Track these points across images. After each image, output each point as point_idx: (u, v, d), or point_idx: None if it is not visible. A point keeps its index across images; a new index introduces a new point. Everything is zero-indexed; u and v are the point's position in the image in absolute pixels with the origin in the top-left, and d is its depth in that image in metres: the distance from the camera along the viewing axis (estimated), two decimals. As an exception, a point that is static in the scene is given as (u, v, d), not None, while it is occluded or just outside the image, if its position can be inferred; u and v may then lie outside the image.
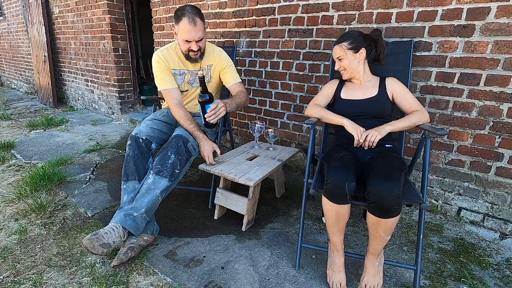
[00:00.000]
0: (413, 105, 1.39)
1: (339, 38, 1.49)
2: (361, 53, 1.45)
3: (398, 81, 1.46)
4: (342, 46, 1.46)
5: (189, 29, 1.52)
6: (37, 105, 4.82)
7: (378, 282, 1.22)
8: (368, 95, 1.45)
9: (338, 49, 1.48)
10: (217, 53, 1.77)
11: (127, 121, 3.85)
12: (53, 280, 1.27)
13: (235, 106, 1.65)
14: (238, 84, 1.80)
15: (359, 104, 1.44)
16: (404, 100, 1.42)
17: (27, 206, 1.77)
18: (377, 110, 1.41)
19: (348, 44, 1.45)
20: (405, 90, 1.43)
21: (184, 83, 1.77)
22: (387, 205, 1.06)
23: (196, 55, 1.64)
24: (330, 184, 1.14)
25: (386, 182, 1.06)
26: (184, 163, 1.51)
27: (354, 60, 1.46)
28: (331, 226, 1.23)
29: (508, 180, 1.58)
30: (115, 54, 3.67)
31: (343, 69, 1.49)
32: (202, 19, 1.57)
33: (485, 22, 1.49)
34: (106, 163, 2.52)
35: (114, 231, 1.30)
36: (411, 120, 1.33)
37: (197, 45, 1.59)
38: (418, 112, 1.36)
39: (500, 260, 1.46)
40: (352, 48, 1.45)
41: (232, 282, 1.28)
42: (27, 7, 4.65)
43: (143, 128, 1.63)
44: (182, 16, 1.52)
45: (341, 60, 1.47)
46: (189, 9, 1.53)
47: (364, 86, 1.48)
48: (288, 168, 2.47)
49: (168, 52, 1.71)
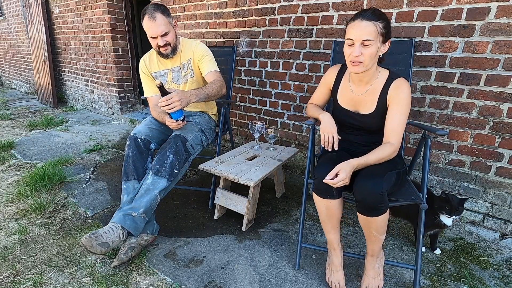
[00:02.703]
0: (392, 133, 1.16)
1: (368, 13, 1.06)
2: (386, 45, 1.13)
3: (403, 94, 1.15)
4: (377, 25, 1.06)
5: (150, 25, 1.55)
6: (37, 105, 4.82)
7: (378, 284, 1.22)
8: (364, 109, 1.25)
9: (370, 28, 1.05)
10: (194, 46, 1.75)
11: (127, 121, 3.85)
12: (53, 280, 1.27)
13: (205, 96, 1.52)
14: (213, 72, 1.70)
15: (353, 117, 1.28)
16: (389, 122, 1.17)
17: (27, 206, 1.77)
18: (374, 128, 1.26)
19: (383, 26, 1.07)
20: (398, 111, 1.15)
21: (168, 82, 1.79)
22: (371, 203, 1.06)
23: (167, 50, 1.64)
24: (317, 179, 1.15)
25: (369, 180, 1.06)
26: (183, 163, 1.51)
27: (378, 53, 1.12)
28: (324, 222, 1.24)
29: (508, 180, 1.58)
30: (115, 54, 3.67)
31: (361, 60, 1.10)
32: (165, 14, 1.57)
33: (485, 22, 1.49)
34: (106, 163, 2.52)
35: (113, 231, 1.30)
36: (378, 156, 1.12)
37: (163, 39, 1.59)
38: (388, 146, 1.14)
39: (500, 260, 1.46)
40: (384, 34, 1.08)
41: (232, 282, 1.28)
42: (27, 7, 4.65)
43: (142, 128, 1.64)
44: (144, 15, 1.56)
45: (367, 46, 1.07)
46: (149, 7, 1.56)
47: (362, 92, 1.24)
48: (288, 168, 2.46)
49: (149, 56, 1.78)
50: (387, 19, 1.10)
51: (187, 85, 1.79)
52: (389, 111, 1.18)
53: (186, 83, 1.79)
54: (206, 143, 1.73)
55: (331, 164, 1.15)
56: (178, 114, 1.48)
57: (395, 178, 1.13)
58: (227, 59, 2.16)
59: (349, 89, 1.29)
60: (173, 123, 1.52)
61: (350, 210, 1.86)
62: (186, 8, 2.84)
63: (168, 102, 1.35)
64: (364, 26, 1.06)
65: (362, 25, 1.06)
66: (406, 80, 1.20)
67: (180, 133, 1.57)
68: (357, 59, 1.10)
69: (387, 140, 1.17)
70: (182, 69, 1.76)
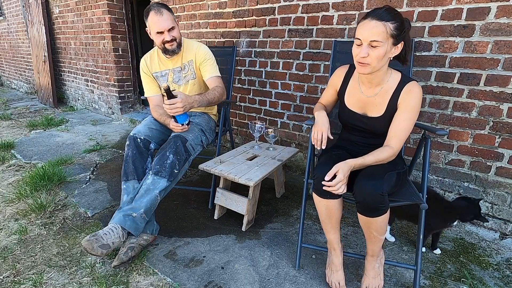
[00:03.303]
0: (394, 137, 1.14)
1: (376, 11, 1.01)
2: (398, 48, 1.07)
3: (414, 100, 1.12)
4: (387, 26, 1.00)
5: (157, 19, 1.56)
6: (37, 105, 4.82)
7: (378, 284, 1.22)
8: (373, 112, 1.21)
9: (379, 28, 0.99)
10: (196, 47, 1.75)
11: (127, 121, 3.85)
12: (53, 280, 1.27)
13: (206, 103, 1.56)
14: (214, 78, 1.72)
15: (360, 119, 1.26)
16: (394, 125, 1.15)
17: (27, 206, 1.77)
18: (380, 131, 1.23)
19: (394, 27, 1.00)
20: (405, 117, 1.13)
21: (169, 82, 1.79)
22: (371, 204, 1.05)
23: (172, 46, 1.64)
24: (316, 179, 1.15)
25: (369, 180, 1.06)
26: (183, 163, 1.51)
27: (387, 55, 1.06)
28: (324, 222, 1.23)
29: (508, 180, 1.58)
30: (115, 54, 3.67)
31: (368, 61, 1.06)
32: (170, 11, 1.62)
33: (485, 22, 1.49)
34: (106, 163, 2.52)
35: (113, 232, 1.30)
36: (376, 158, 1.12)
37: (170, 35, 1.60)
38: (387, 149, 1.13)
39: (500, 260, 1.46)
40: (395, 36, 1.01)
41: (232, 282, 1.28)
42: (27, 7, 4.65)
43: (141, 128, 1.64)
44: (149, 11, 1.58)
45: (375, 47, 1.02)
46: (154, 4, 1.60)
47: (373, 94, 1.20)
48: (288, 168, 2.46)
49: (150, 56, 1.78)
50: (402, 19, 1.04)
51: (188, 86, 1.79)
52: (396, 114, 1.16)
53: (187, 84, 1.79)
54: (206, 143, 1.73)
55: (330, 164, 1.15)
56: (183, 118, 1.51)
57: (395, 179, 1.13)
58: (227, 59, 2.16)
59: (358, 90, 1.25)
60: (178, 127, 1.54)
61: (350, 210, 1.86)
62: (186, 8, 2.84)
63: (172, 106, 1.39)
64: (373, 26, 1.01)
65: (371, 24, 1.01)
66: (417, 83, 1.16)
67: (180, 133, 1.57)
68: (363, 60, 1.06)
69: (387, 143, 1.16)
70: (183, 70, 1.76)
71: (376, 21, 1.00)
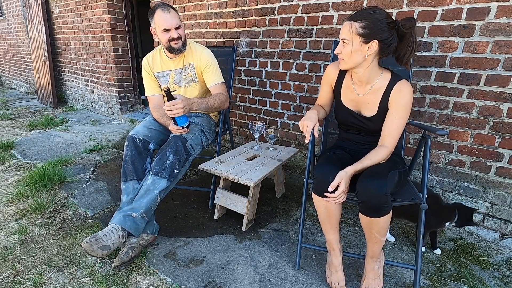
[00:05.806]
0: (388, 137, 1.17)
1: (355, 13, 1.12)
2: (371, 46, 1.10)
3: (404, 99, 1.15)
4: (352, 25, 1.10)
5: (165, 16, 1.57)
6: (37, 105, 4.82)
7: (378, 285, 1.22)
8: (366, 112, 1.25)
9: (346, 28, 1.12)
10: (198, 51, 1.74)
11: (127, 121, 3.85)
12: (53, 280, 1.27)
13: (206, 107, 1.57)
14: (218, 85, 1.73)
15: (356, 117, 1.28)
16: (387, 125, 1.18)
17: (27, 206, 1.77)
18: (375, 129, 1.25)
19: (360, 26, 1.09)
20: (396, 115, 1.16)
21: (170, 83, 1.79)
22: (375, 204, 1.05)
23: (178, 44, 1.64)
24: (316, 179, 1.15)
25: (373, 180, 1.05)
26: (183, 163, 1.51)
27: (358, 53, 1.13)
28: (323, 222, 1.24)
29: (508, 180, 1.58)
30: (115, 54, 3.67)
31: (341, 57, 1.18)
32: (176, 11, 1.63)
33: (485, 22, 1.49)
34: (106, 163, 2.52)
35: (113, 233, 1.30)
36: (373, 160, 1.14)
37: (177, 32, 1.61)
38: (382, 149, 1.15)
39: (500, 260, 1.46)
40: (363, 34, 1.09)
41: (232, 282, 1.28)
42: (27, 7, 4.65)
43: (140, 128, 1.64)
44: (155, 10, 1.59)
45: (344, 43, 1.14)
46: (159, 3, 1.61)
47: (364, 92, 1.24)
48: (288, 168, 2.46)
49: (152, 56, 1.78)
50: (375, 19, 1.07)
51: (188, 89, 1.79)
52: (388, 113, 1.19)
53: (187, 86, 1.79)
54: (206, 143, 1.73)
55: (330, 164, 1.15)
56: (183, 121, 1.50)
57: (397, 178, 1.13)
58: (227, 59, 2.16)
59: (351, 88, 1.28)
60: (179, 130, 1.54)
61: (350, 210, 1.86)
62: (186, 8, 2.84)
63: (172, 107, 1.39)
64: (343, 26, 1.14)
65: (344, 24, 1.14)
66: (408, 82, 1.18)
67: (180, 134, 1.57)
68: (338, 56, 1.18)
69: (381, 142, 1.18)
70: (184, 71, 1.76)
71: (346, 21, 1.13)
